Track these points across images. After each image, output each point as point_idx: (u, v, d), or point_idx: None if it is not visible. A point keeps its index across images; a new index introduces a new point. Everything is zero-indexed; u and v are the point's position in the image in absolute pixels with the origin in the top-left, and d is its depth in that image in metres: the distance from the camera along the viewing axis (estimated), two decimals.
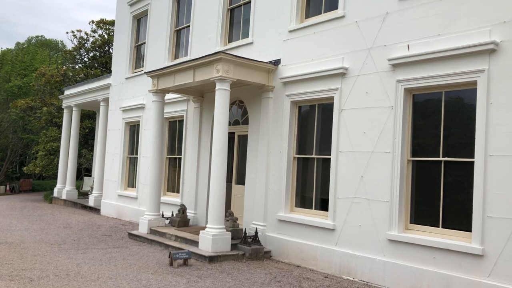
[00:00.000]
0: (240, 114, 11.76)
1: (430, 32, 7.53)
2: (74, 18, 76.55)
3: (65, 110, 22.18)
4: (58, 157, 23.20)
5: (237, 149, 11.85)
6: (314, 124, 9.76)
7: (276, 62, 10.45)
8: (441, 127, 7.48)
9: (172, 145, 14.46)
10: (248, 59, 10.20)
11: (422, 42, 7.59)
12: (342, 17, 9.08)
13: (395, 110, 7.92)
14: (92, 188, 20.10)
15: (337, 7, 9.31)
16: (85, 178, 23.21)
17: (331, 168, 8.97)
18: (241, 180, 11.62)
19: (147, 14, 16.07)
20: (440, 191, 7.42)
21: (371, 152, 8.24)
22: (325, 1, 9.82)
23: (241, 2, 12.03)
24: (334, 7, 9.46)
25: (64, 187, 21.43)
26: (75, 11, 79.75)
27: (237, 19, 12.27)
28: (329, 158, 9.14)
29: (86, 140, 25.96)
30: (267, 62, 10.44)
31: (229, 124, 11.72)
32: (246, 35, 11.72)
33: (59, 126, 24.66)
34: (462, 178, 7.15)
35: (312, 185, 9.70)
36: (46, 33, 77.19)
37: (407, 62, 7.73)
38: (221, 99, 9.86)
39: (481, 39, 6.81)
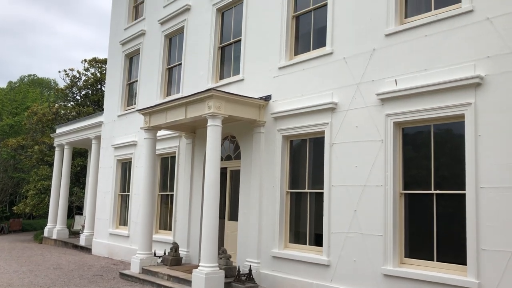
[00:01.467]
0: (232, 149, 11.79)
1: (416, 67, 7.70)
2: (68, 57, 77.49)
3: (56, 149, 22.10)
4: (49, 196, 22.94)
5: (230, 184, 11.81)
6: (306, 158, 9.80)
7: (267, 98, 10.58)
8: (431, 159, 7.54)
9: (164, 181, 14.38)
10: (239, 95, 10.32)
11: (409, 77, 7.75)
12: (330, 53, 9.27)
13: (385, 143, 7.99)
14: (83, 227, 19.79)
15: (325, 44, 9.52)
16: (76, 217, 22.89)
17: (324, 203, 8.95)
18: (234, 216, 11.53)
19: (139, 53, 16.30)
20: (433, 224, 7.40)
21: (363, 186, 8.25)
22: (313, 38, 10.05)
23: (232, 41, 12.27)
24: (322, 44, 9.67)
25: (54, 226, 21.09)
26: (70, 51, 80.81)
27: (228, 56, 12.49)
28: (322, 192, 9.12)
29: (78, 178, 25.76)
30: (258, 98, 10.56)
31: (221, 159, 11.72)
32: (237, 72, 11.89)
33: (51, 165, 24.51)
34: (455, 210, 7.16)
35: (305, 220, 9.64)
36: (40, 71, 77.93)
37: (395, 97, 7.86)
38: (213, 135, 9.91)
39: (466, 73, 6.97)
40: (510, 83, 6.53)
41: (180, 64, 14.09)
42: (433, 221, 7.40)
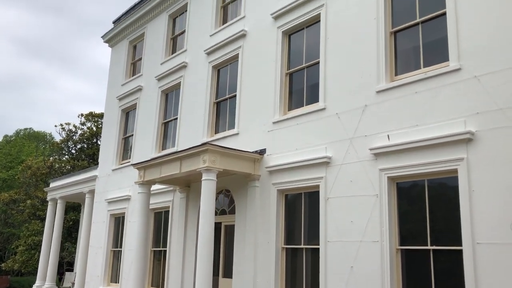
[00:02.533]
0: (227, 203, 11.71)
1: (408, 122, 7.84)
2: (67, 111, 78.43)
3: (49, 203, 21.84)
4: (39, 252, 22.39)
5: (224, 239, 11.62)
6: (302, 212, 9.73)
7: (262, 152, 10.65)
8: (427, 214, 7.51)
9: (158, 237, 14.14)
10: (234, 149, 10.39)
11: (401, 132, 7.87)
12: (323, 109, 9.45)
13: (380, 198, 7.97)
14: (73, 284, 19.19)
15: (318, 100, 9.72)
16: (67, 274, 22.24)
17: (320, 259, 8.78)
18: (228, 273, 11.25)
19: (135, 108, 16.54)
20: (431, 280, 7.25)
21: (360, 242, 8.15)
22: (306, 94, 10.28)
23: (227, 96, 12.52)
24: (315, 100, 9.88)
25: (43, 284, 20.41)
26: (68, 105, 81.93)
27: (223, 111, 12.69)
28: (318, 248, 8.98)
29: (70, 233, 25.29)
30: (252, 152, 10.63)
31: (216, 213, 11.60)
32: (232, 126, 12.04)
33: (43, 219, 24.13)
34: (453, 266, 7.04)
35: (302, 277, 9.42)
36: (37, 125, 78.49)
37: (388, 152, 7.94)
38: (208, 189, 9.87)
39: (457, 129, 7.10)
40: (500, 139, 6.65)
41: (176, 118, 14.27)
42: (431, 277, 7.26)
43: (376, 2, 8.87)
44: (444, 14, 7.81)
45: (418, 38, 8.28)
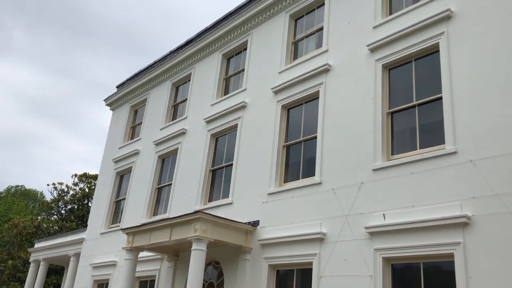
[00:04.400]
0: (216, 276, 11.29)
1: (404, 202, 7.78)
2: (61, 170, 78.11)
3: (32, 264, 21.03)
4: None
5: None
6: None
7: (255, 224, 10.45)
8: None
9: None
10: (227, 219, 10.20)
11: (397, 212, 7.78)
12: (319, 183, 9.42)
13: (374, 279, 7.71)
14: None
15: (314, 174, 9.72)
16: None
17: None
18: None
19: (130, 171, 16.47)
20: None
21: None
22: (303, 167, 10.29)
23: (223, 164, 12.53)
24: (311, 174, 9.87)
25: None
26: (65, 164, 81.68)
27: (218, 179, 12.63)
28: None
29: None
30: (245, 223, 10.43)
31: (203, 286, 11.16)
32: (226, 195, 11.92)
33: (22, 282, 23.13)
34: None
35: None
36: (31, 183, 77.84)
37: (383, 231, 7.80)
38: (197, 260, 9.55)
39: (453, 212, 7.03)
40: (496, 225, 6.57)
41: (170, 184, 14.16)
42: None
43: (374, 83, 9.16)
44: (440, 98, 8.04)
45: (414, 119, 8.45)
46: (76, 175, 27.74)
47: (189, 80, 15.51)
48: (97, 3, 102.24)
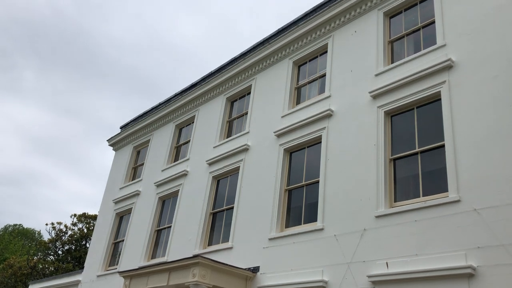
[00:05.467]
0: None
1: (407, 250, 7.63)
2: (62, 209, 77.40)
3: None
4: None
5: None
6: None
7: (255, 270, 10.22)
8: None
9: None
10: (227, 264, 9.99)
11: (400, 261, 7.61)
12: (321, 229, 9.28)
13: None
14: None
15: (316, 219, 9.59)
16: None
17: None
18: None
19: (130, 213, 16.30)
20: None
21: None
22: (305, 212, 10.18)
23: (224, 208, 12.40)
24: (313, 219, 9.75)
25: None
26: (65, 203, 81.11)
27: (218, 223, 12.47)
28: None
29: None
30: (245, 269, 10.20)
31: None
32: (226, 239, 11.73)
33: None
34: None
35: None
36: (30, 221, 76.95)
37: (387, 280, 7.61)
38: None
39: (457, 262, 6.87)
40: (502, 276, 6.40)
41: (170, 226, 13.98)
42: None
43: (376, 130, 9.20)
44: (443, 146, 8.05)
45: (417, 166, 8.43)
46: (75, 215, 27.50)
47: (193, 122, 15.64)
48: (109, 45, 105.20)
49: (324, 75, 11.49)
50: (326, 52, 11.73)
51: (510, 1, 8.11)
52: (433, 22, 9.43)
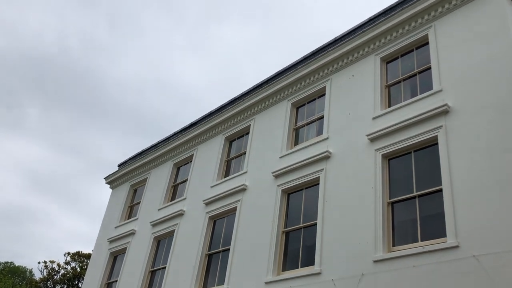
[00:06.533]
0: None
1: None
2: (57, 248, 76.18)
3: None
4: None
5: None
6: None
7: None
8: None
9: None
10: None
11: None
12: (319, 273, 9.11)
13: None
14: None
15: (314, 263, 9.44)
16: None
17: None
18: None
19: (124, 252, 16.01)
20: None
21: None
22: (302, 255, 10.02)
23: (220, 249, 12.22)
24: (311, 263, 9.59)
25: None
26: (60, 242, 79.73)
27: (214, 264, 12.26)
28: None
29: None
30: None
31: None
32: (221, 281, 11.49)
33: None
34: None
35: None
36: (23, 259, 75.55)
37: None
38: None
39: None
40: None
41: (164, 267, 13.71)
42: None
43: (374, 172, 9.21)
44: (441, 190, 8.03)
45: (415, 210, 8.38)
46: (69, 253, 27.02)
47: (191, 161, 15.63)
48: (113, 85, 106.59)
49: (322, 117, 11.61)
50: (324, 94, 11.90)
51: (502, 50, 8.32)
52: (429, 68, 9.63)
